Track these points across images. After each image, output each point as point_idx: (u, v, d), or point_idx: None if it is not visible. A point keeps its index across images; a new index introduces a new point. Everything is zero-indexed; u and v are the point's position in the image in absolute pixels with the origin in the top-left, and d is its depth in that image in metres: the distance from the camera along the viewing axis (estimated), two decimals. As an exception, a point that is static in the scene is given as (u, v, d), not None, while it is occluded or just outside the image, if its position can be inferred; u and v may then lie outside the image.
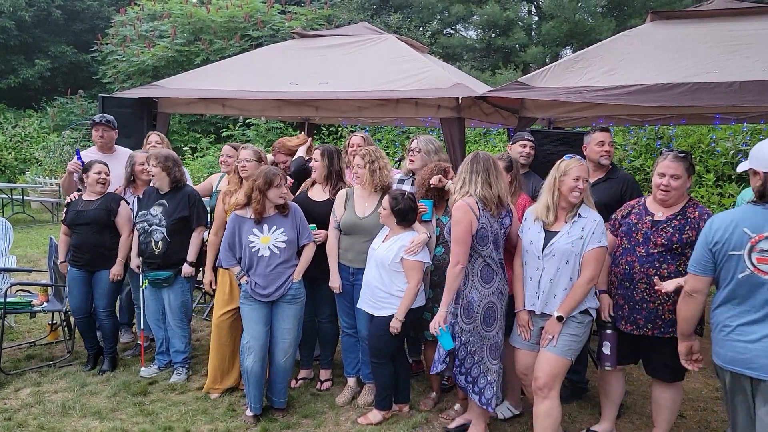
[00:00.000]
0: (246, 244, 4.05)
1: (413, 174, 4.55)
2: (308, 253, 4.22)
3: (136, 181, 5.06)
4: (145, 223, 4.65)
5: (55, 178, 15.46)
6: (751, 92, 4.61)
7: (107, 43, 18.99)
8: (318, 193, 4.54)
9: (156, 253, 4.64)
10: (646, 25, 5.94)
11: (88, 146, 16.54)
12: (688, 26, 5.64)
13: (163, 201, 4.67)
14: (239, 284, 4.17)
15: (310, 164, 4.50)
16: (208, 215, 4.95)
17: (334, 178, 4.49)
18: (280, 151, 5.15)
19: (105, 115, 5.61)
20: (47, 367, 5.05)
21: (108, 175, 4.89)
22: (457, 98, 5.28)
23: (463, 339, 3.62)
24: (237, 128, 14.66)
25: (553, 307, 3.39)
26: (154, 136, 5.57)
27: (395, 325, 3.85)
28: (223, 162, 5.05)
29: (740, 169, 2.97)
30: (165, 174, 4.62)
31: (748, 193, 4.17)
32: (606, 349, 3.56)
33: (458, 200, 3.57)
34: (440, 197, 4.14)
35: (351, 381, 4.56)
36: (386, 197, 3.99)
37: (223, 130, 14.93)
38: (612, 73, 5.17)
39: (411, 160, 4.51)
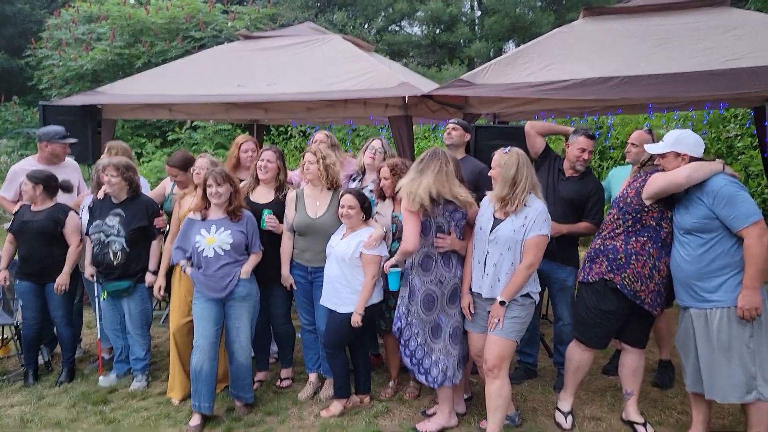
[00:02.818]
0: (193, 244, 4.13)
1: (364, 172, 4.73)
2: (255, 257, 4.27)
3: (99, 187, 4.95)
4: (102, 234, 4.62)
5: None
6: (676, 84, 4.88)
7: (41, 47, 18.39)
8: (263, 195, 4.56)
9: (115, 263, 4.62)
10: (579, 21, 6.11)
11: (26, 155, 16.17)
12: (619, 22, 5.85)
13: (119, 211, 4.64)
14: (183, 270, 4.24)
15: (259, 164, 4.51)
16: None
17: (282, 179, 4.58)
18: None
19: (60, 129, 5.50)
20: (0, 382, 5.01)
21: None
22: (404, 97, 5.39)
23: (408, 319, 3.82)
24: (183, 131, 14.47)
25: (497, 292, 3.58)
26: (113, 147, 5.47)
27: (356, 320, 4.00)
28: (169, 172, 5.03)
29: (655, 150, 3.54)
30: (126, 183, 4.63)
31: (623, 171, 4.86)
32: None
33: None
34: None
35: (312, 377, 4.68)
36: (350, 197, 4.07)
37: (169, 133, 14.68)
38: (549, 68, 5.35)
39: (371, 158, 4.67)
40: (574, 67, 5.26)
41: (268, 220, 4.38)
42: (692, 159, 3.45)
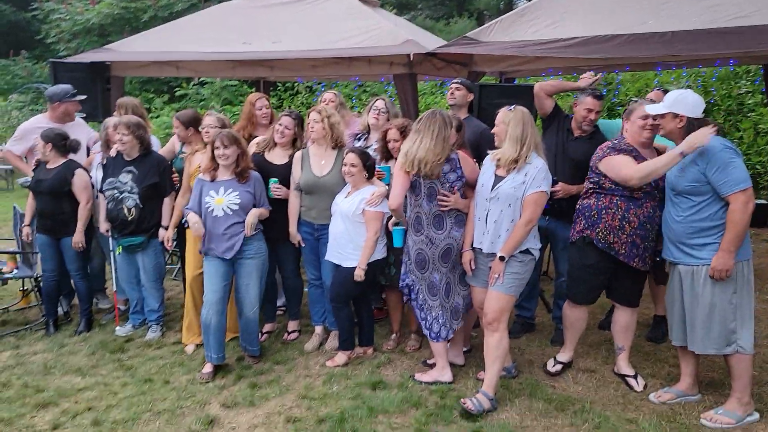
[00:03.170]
0: (203, 204, 4.27)
1: (369, 132, 4.82)
2: (260, 210, 4.35)
3: (110, 146, 5.07)
4: (115, 191, 4.77)
5: (4, 144, 15.13)
6: (682, 42, 4.84)
7: (48, 1, 18.35)
8: (278, 156, 4.68)
9: (129, 219, 4.78)
10: None
11: (37, 111, 16.24)
12: None
13: (132, 168, 4.79)
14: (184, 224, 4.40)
15: (277, 128, 4.61)
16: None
17: (298, 144, 4.69)
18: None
19: (69, 87, 5.62)
20: (23, 331, 5.23)
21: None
22: (409, 55, 5.44)
23: (410, 277, 4.02)
24: (191, 87, 14.48)
25: (497, 247, 3.70)
26: (125, 105, 5.58)
27: (359, 274, 4.15)
28: (175, 128, 5.09)
29: (654, 111, 3.59)
30: (137, 141, 4.75)
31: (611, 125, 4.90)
32: None
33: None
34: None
35: (318, 329, 4.87)
36: (353, 155, 4.17)
37: (177, 89, 14.69)
38: (555, 26, 5.32)
39: (375, 118, 4.75)
40: (580, 25, 5.23)
41: (275, 189, 4.50)
42: (690, 120, 3.49)
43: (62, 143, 5.01)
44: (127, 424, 3.73)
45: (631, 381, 4.05)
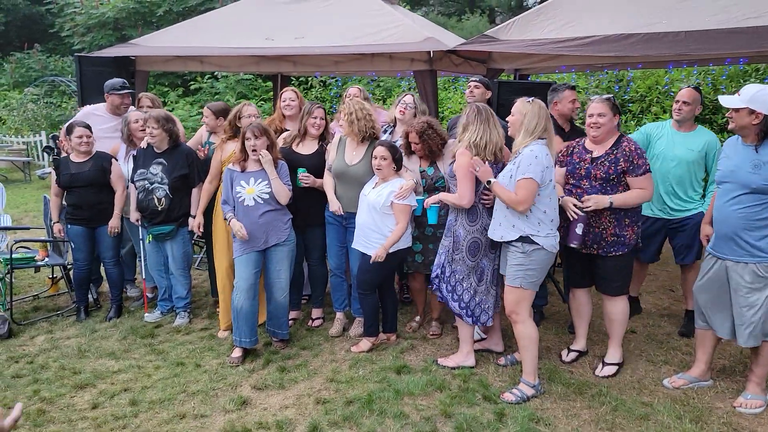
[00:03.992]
0: (234, 195, 4.41)
1: (394, 126, 4.96)
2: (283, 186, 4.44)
3: (133, 139, 5.24)
4: (146, 182, 4.92)
5: (22, 137, 15.34)
6: (695, 41, 4.93)
7: (63, -3, 18.49)
8: (307, 147, 4.82)
9: (159, 209, 4.93)
10: None
11: (52, 103, 16.28)
12: None
13: (161, 160, 4.94)
14: (227, 223, 4.50)
15: (312, 122, 4.74)
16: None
17: (325, 132, 4.84)
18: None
19: (124, 81, 5.77)
20: (55, 316, 5.40)
21: (90, 136, 5.11)
22: (429, 52, 5.56)
23: (453, 267, 4.12)
24: (205, 81, 14.61)
25: (495, 234, 3.87)
26: (145, 99, 5.77)
27: (380, 254, 4.25)
28: (204, 119, 5.24)
29: (730, 104, 3.48)
30: (166, 134, 4.90)
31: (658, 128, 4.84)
32: (578, 230, 3.87)
33: (460, 147, 3.96)
34: (430, 151, 4.50)
35: (339, 315, 5.01)
36: (382, 149, 4.28)
37: (191, 83, 14.83)
38: (571, 24, 5.42)
39: (402, 112, 4.89)
40: (595, 24, 5.32)
41: (303, 178, 4.63)
42: (766, 117, 3.41)
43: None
44: (163, 404, 3.89)
45: (606, 368, 4.17)
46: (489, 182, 3.78)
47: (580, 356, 4.44)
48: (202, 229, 5.01)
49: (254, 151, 4.32)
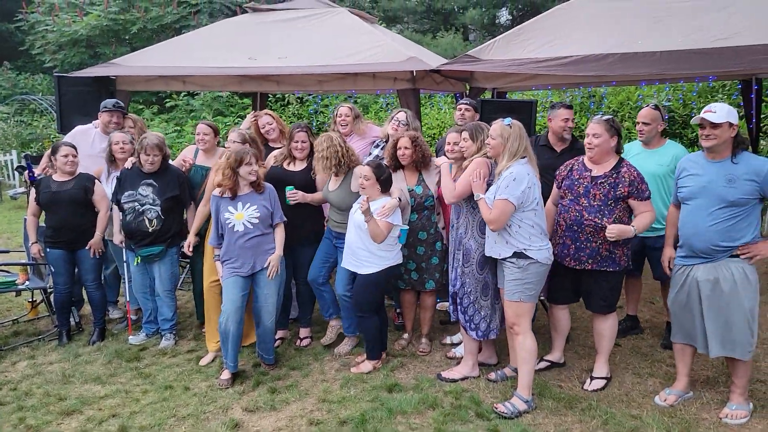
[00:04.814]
0: (223, 221, 4.36)
1: (387, 141, 4.98)
2: (281, 233, 4.49)
3: (114, 159, 5.17)
4: (136, 203, 4.84)
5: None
6: (669, 61, 5.09)
7: (33, 12, 18.21)
8: (296, 165, 4.85)
9: (150, 230, 4.86)
10: None
11: (23, 122, 15.98)
12: (616, 0, 5.99)
13: (151, 181, 4.87)
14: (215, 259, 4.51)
15: (294, 146, 4.79)
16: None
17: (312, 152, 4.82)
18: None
19: (117, 101, 5.72)
20: (36, 341, 5.26)
21: (75, 156, 5.04)
22: (413, 71, 5.60)
23: (462, 280, 4.15)
24: (181, 98, 14.52)
25: (490, 251, 3.95)
26: (128, 120, 5.71)
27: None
28: (200, 140, 5.18)
29: (713, 119, 3.53)
30: (162, 159, 4.88)
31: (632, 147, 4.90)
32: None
33: (478, 157, 4.01)
34: (422, 156, 4.54)
35: (333, 322, 4.99)
36: (367, 168, 4.27)
37: (167, 100, 14.72)
38: (551, 44, 5.55)
39: (395, 129, 4.95)
40: (574, 44, 5.45)
41: (290, 195, 4.62)
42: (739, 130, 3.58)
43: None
44: (153, 429, 3.82)
45: (594, 381, 4.21)
46: (478, 196, 3.85)
47: (551, 366, 4.48)
48: (191, 250, 4.95)
49: (250, 174, 4.31)
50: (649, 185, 4.49)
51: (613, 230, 3.82)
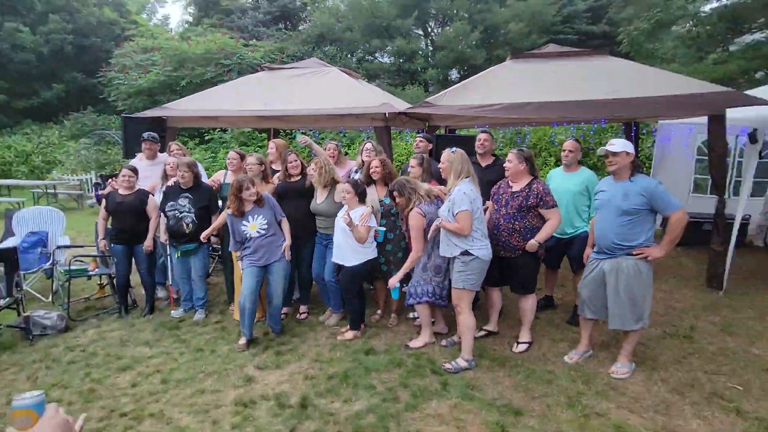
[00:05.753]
0: (240, 232, 4.18)
1: (362, 167, 4.84)
2: (286, 225, 4.34)
3: (168, 177, 5.05)
4: (176, 211, 4.69)
5: (76, 175, 14.60)
6: (575, 108, 5.07)
7: (110, 71, 17.88)
8: (294, 177, 4.67)
9: (187, 231, 4.69)
10: (507, 61, 6.20)
11: (101, 151, 15.67)
12: (535, 63, 5.97)
13: (188, 194, 4.71)
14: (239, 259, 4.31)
15: (289, 165, 4.62)
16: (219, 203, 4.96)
17: (303, 167, 4.68)
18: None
19: (152, 133, 5.53)
20: (102, 314, 5.05)
21: (131, 178, 4.86)
22: (385, 113, 5.47)
23: (422, 286, 4.05)
24: (215, 133, 14.28)
25: (445, 251, 3.79)
26: (174, 145, 5.51)
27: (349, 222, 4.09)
28: (230, 163, 5.01)
29: (614, 149, 3.45)
30: (192, 176, 4.70)
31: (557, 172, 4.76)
32: None
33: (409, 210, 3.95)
34: (389, 173, 4.42)
35: (329, 311, 4.81)
36: (347, 185, 4.15)
37: (205, 134, 14.48)
38: (488, 95, 5.46)
39: (367, 156, 4.80)
40: (504, 94, 5.39)
41: (301, 139, 4.71)
42: (636, 157, 3.53)
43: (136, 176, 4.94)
44: (187, 382, 3.66)
45: (519, 345, 4.09)
46: (439, 221, 3.72)
47: (488, 334, 4.33)
48: (216, 240, 4.76)
49: (251, 196, 4.14)
50: (566, 199, 4.40)
51: (526, 245, 3.82)
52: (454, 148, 3.78)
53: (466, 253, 3.65)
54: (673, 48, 12.57)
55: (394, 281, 4.02)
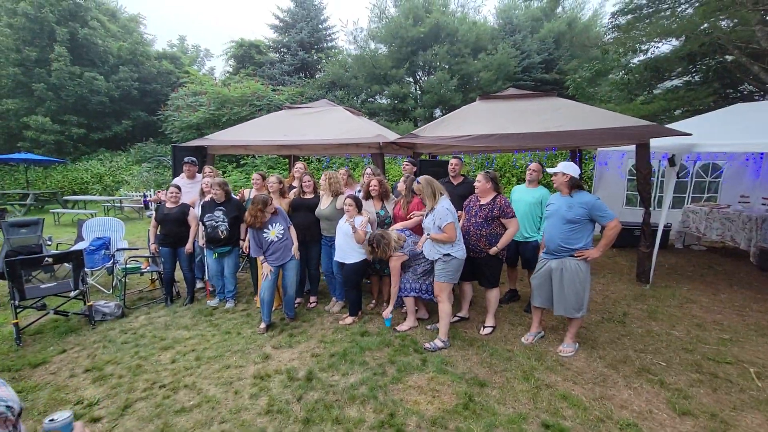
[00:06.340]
0: (263, 239, 4.11)
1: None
2: (293, 232, 4.25)
3: (204, 194, 4.96)
4: (213, 221, 4.62)
5: (139, 192, 14.57)
6: (530, 139, 5.00)
7: (167, 110, 17.89)
8: (308, 195, 4.59)
9: (222, 237, 4.62)
10: (476, 102, 6.16)
11: (159, 172, 15.63)
12: (498, 103, 5.93)
13: (221, 207, 4.65)
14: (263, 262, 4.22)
15: (304, 183, 4.54)
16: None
17: (316, 186, 4.62)
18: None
19: (192, 158, 5.50)
20: (152, 303, 4.96)
21: (176, 194, 4.79)
22: (380, 143, 5.44)
23: (419, 282, 3.97)
24: (248, 158, 14.25)
25: (429, 255, 3.74)
26: (207, 168, 5.44)
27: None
28: (254, 182, 4.94)
29: (553, 170, 3.43)
30: (224, 193, 4.64)
31: (521, 188, 4.64)
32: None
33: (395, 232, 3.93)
34: (385, 190, 4.39)
35: (333, 299, 4.70)
36: (350, 199, 4.09)
37: (241, 159, 14.44)
38: (460, 128, 5.41)
39: (368, 176, 4.72)
40: (473, 128, 5.34)
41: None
42: (572, 177, 3.45)
43: (180, 194, 4.87)
44: (216, 359, 3.57)
45: (485, 329, 4.00)
46: (429, 234, 3.66)
47: (461, 320, 4.23)
48: (246, 246, 4.63)
49: (271, 209, 4.09)
50: (524, 209, 4.33)
51: (490, 250, 3.75)
52: (417, 179, 3.74)
53: (447, 254, 3.64)
54: (609, 91, 12.65)
55: (387, 313, 4.03)
